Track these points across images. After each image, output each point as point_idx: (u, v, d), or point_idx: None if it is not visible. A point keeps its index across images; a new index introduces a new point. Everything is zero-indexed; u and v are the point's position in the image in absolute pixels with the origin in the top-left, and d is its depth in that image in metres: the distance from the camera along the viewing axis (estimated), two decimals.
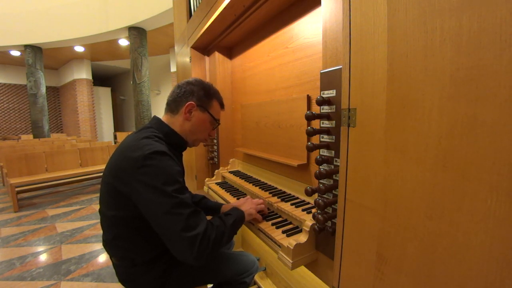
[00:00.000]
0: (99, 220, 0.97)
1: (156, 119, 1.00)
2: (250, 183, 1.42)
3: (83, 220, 3.28)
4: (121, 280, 1.00)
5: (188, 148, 1.06)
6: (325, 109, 0.75)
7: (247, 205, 1.04)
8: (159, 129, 0.95)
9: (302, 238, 0.81)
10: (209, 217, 0.91)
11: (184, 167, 1.13)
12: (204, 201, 1.25)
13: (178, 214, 0.76)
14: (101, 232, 0.97)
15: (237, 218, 0.95)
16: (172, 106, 0.99)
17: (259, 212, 1.06)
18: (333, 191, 0.73)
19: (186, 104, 0.96)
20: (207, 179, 1.73)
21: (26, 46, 7.99)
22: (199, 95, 0.98)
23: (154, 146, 0.81)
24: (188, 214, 0.77)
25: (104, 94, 11.67)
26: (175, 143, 0.98)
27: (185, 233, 0.75)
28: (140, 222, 0.84)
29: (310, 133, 0.75)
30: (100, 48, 8.56)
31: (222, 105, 1.08)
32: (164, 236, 0.78)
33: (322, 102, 0.74)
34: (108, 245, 0.95)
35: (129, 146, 0.84)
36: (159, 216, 0.77)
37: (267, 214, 1.10)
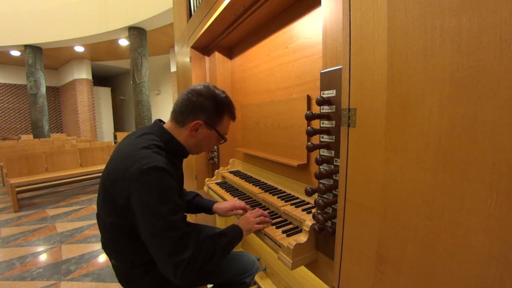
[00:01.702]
0: None
1: (158, 125, 0.94)
2: (250, 183, 1.42)
3: (83, 220, 3.28)
4: (121, 281, 1.00)
5: None
6: (325, 109, 0.75)
7: (245, 221, 1.00)
8: (160, 137, 0.90)
9: (302, 238, 0.81)
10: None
11: (184, 167, 1.13)
12: (197, 199, 1.23)
13: (167, 238, 0.74)
14: None
15: (232, 238, 0.92)
16: (179, 118, 0.92)
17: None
18: (333, 191, 0.73)
19: (193, 123, 0.90)
20: (207, 179, 1.73)
21: (26, 46, 7.99)
22: (209, 113, 0.91)
23: (152, 160, 0.77)
24: (177, 238, 0.75)
25: (104, 94, 11.66)
26: (176, 151, 0.95)
27: (171, 257, 0.73)
28: (137, 230, 0.82)
29: (310, 133, 0.75)
30: (100, 48, 8.55)
31: (233, 118, 1.01)
32: (152, 254, 0.78)
33: (322, 102, 0.74)
34: (107, 248, 0.95)
35: (128, 156, 0.81)
36: (148, 236, 0.76)
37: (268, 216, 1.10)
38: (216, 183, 1.67)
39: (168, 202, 0.76)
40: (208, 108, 0.91)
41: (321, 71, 0.76)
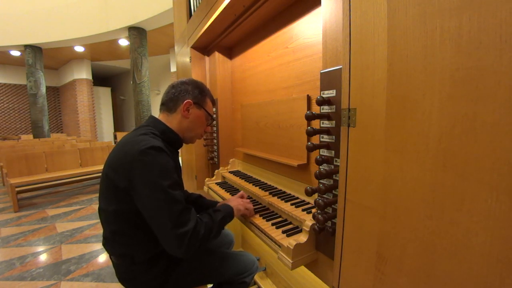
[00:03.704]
0: (99, 220, 0.98)
1: (153, 118, 1.03)
2: (250, 183, 1.42)
3: (83, 220, 3.28)
4: (121, 279, 1.00)
5: (188, 147, 1.08)
6: (325, 109, 0.75)
7: (235, 201, 1.11)
8: (155, 127, 0.98)
9: (302, 238, 0.81)
10: None
11: (184, 167, 1.14)
12: (200, 200, 1.28)
13: (171, 210, 0.79)
14: (101, 232, 0.97)
15: (226, 214, 1.00)
16: (170, 105, 1.03)
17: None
18: (333, 191, 0.73)
19: (184, 102, 1.01)
20: (207, 179, 1.73)
21: (26, 46, 7.98)
22: (194, 93, 1.04)
23: (150, 142, 0.84)
24: (179, 211, 0.80)
25: (104, 94, 11.66)
26: (171, 140, 1.02)
27: (176, 229, 0.78)
28: (141, 218, 0.85)
29: (310, 133, 0.75)
30: (100, 48, 8.55)
31: (213, 103, 1.15)
32: (155, 230, 0.82)
33: (322, 102, 0.74)
34: (108, 242, 0.95)
35: (127, 142, 0.88)
36: (152, 211, 0.80)
37: (266, 213, 1.12)
38: (216, 183, 1.67)
39: (168, 177, 0.82)
40: (192, 90, 1.04)
41: (321, 71, 0.76)
